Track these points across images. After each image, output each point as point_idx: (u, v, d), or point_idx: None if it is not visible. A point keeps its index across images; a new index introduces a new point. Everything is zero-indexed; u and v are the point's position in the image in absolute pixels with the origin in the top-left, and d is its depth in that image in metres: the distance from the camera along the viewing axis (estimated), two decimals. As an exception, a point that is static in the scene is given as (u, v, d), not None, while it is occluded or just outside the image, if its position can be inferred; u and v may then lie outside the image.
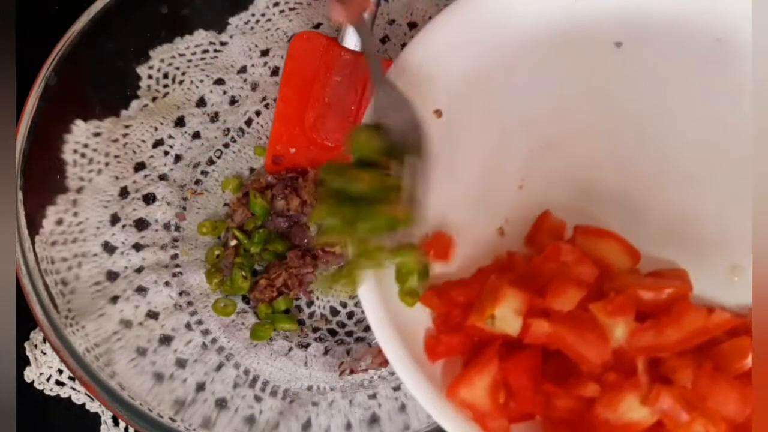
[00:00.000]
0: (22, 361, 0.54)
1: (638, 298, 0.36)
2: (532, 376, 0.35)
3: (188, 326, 0.53)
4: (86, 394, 0.54)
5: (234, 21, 0.58)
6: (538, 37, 0.45)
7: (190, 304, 0.54)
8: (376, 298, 0.37)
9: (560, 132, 0.44)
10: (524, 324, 0.35)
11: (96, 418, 0.54)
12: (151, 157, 0.56)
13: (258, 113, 0.59)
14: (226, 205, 0.57)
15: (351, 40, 0.50)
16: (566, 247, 0.37)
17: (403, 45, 0.44)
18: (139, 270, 0.53)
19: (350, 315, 0.55)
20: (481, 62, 0.44)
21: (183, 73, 0.57)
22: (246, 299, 0.55)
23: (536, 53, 0.45)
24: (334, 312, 0.55)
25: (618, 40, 0.45)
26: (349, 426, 0.48)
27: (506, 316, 0.35)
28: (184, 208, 0.57)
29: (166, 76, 0.56)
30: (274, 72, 0.59)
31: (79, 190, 0.51)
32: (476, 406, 0.35)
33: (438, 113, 0.43)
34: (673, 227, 0.42)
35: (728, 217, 0.42)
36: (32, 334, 0.55)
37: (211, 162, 0.58)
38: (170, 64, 0.56)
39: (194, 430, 0.46)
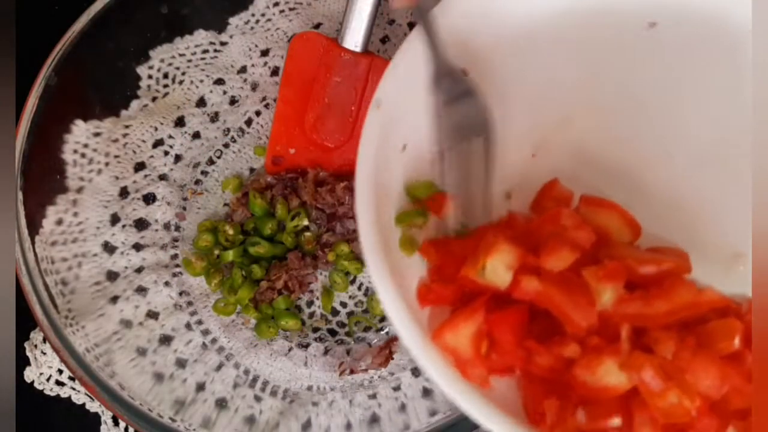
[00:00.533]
0: (22, 361, 0.54)
1: (633, 269, 0.36)
2: (516, 331, 0.36)
3: (188, 326, 0.53)
4: (86, 394, 0.54)
5: (234, 21, 0.58)
6: (568, 12, 0.44)
7: (190, 304, 0.54)
8: (375, 241, 0.37)
9: (579, 106, 0.44)
10: (514, 279, 0.36)
11: (96, 418, 0.54)
12: (151, 157, 0.56)
13: (258, 113, 0.59)
14: (226, 205, 0.57)
15: (351, 41, 0.50)
16: (567, 211, 0.38)
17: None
18: (139, 270, 0.53)
19: (350, 315, 0.55)
20: (506, 32, 0.43)
21: (183, 73, 0.57)
22: (246, 299, 0.55)
23: (564, 28, 0.44)
24: (335, 312, 0.55)
25: (653, 20, 0.44)
26: (349, 426, 0.48)
27: (497, 268, 0.36)
28: (184, 208, 0.57)
29: (166, 76, 0.56)
30: (274, 72, 0.59)
31: (79, 190, 0.51)
32: (458, 353, 0.36)
33: (464, 72, 0.43)
34: (679, 210, 0.42)
35: (734, 204, 0.41)
36: (32, 334, 0.55)
37: (211, 162, 0.58)
38: (170, 64, 0.56)
39: (194, 430, 0.46)
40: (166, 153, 0.56)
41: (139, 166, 0.55)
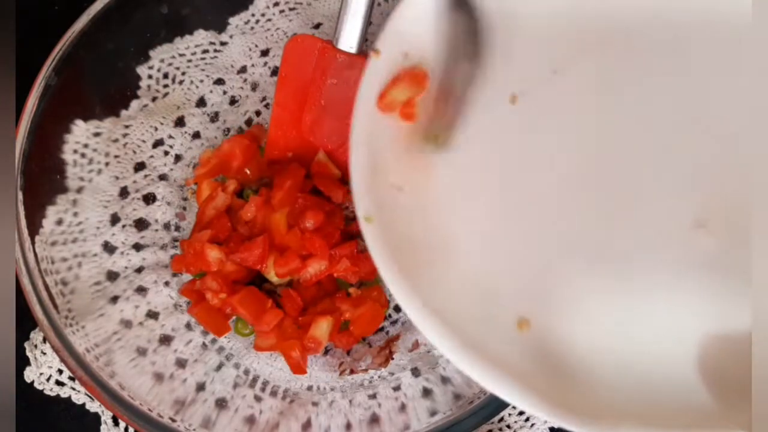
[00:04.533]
0: (22, 361, 0.54)
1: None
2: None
3: (188, 326, 0.53)
4: (86, 394, 0.54)
5: (234, 21, 0.58)
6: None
7: (189, 303, 0.54)
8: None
9: None
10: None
11: (96, 418, 0.54)
12: (151, 157, 0.56)
13: (258, 113, 0.59)
14: (226, 205, 0.57)
15: (346, 42, 0.50)
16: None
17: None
18: (139, 270, 0.53)
19: (350, 315, 0.55)
20: None
21: (183, 73, 0.57)
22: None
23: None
24: (334, 312, 0.55)
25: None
26: (349, 426, 0.48)
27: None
28: (184, 208, 0.57)
29: (166, 76, 0.56)
30: (274, 72, 0.59)
31: (79, 190, 0.51)
32: None
33: None
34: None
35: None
36: (32, 334, 0.55)
37: (211, 162, 0.58)
38: (170, 64, 0.56)
39: (194, 430, 0.46)
40: (166, 153, 0.56)
41: (139, 166, 0.55)
